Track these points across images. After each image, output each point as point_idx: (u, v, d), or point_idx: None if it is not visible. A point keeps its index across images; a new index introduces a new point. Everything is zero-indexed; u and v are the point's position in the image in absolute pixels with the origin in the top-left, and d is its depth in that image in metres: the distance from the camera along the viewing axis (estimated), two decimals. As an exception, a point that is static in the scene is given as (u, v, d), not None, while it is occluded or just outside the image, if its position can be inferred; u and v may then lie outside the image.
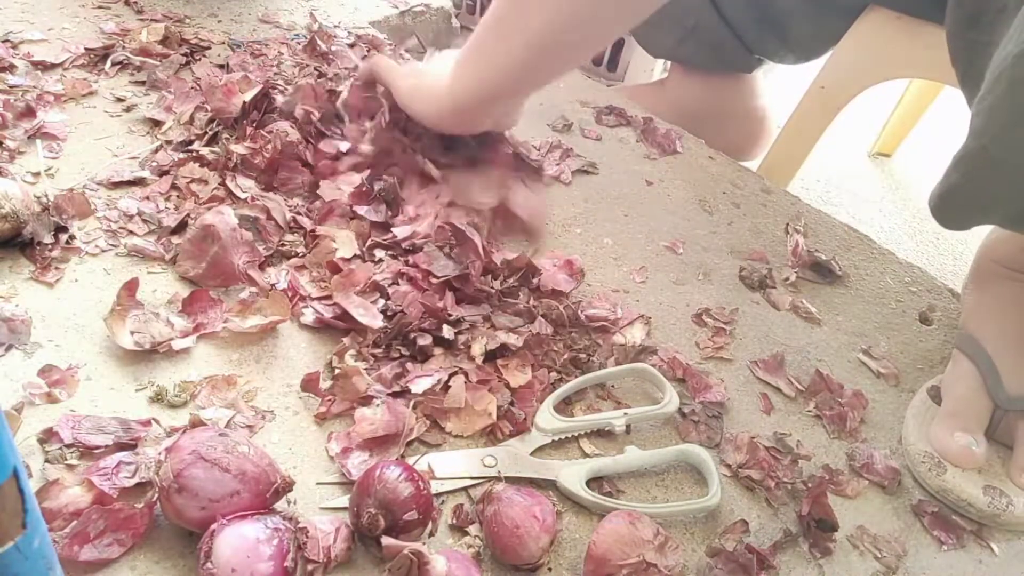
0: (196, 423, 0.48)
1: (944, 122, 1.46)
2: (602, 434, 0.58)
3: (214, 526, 0.42)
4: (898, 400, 0.67)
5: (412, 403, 0.55)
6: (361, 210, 0.69)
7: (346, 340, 0.59)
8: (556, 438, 0.56)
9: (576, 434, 0.57)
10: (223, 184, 0.70)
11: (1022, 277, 0.66)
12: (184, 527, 0.45)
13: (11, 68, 0.80)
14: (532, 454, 0.55)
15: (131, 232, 0.65)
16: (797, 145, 1.02)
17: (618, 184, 0.86)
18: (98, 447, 0.48)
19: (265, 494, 0.45)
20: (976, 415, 0.61)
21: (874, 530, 0.56)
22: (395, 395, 0.56)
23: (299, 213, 0.69)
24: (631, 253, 0.76)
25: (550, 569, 0.49)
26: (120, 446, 0.49)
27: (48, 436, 0.48)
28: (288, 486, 0.46)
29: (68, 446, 0.48)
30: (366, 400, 0.55)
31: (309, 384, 0.56)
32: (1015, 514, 0.57)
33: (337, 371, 0.57)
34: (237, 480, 0.44)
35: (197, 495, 0.43)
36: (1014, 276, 0.65)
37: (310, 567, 0.45)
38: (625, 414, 0.58)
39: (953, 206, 0.55)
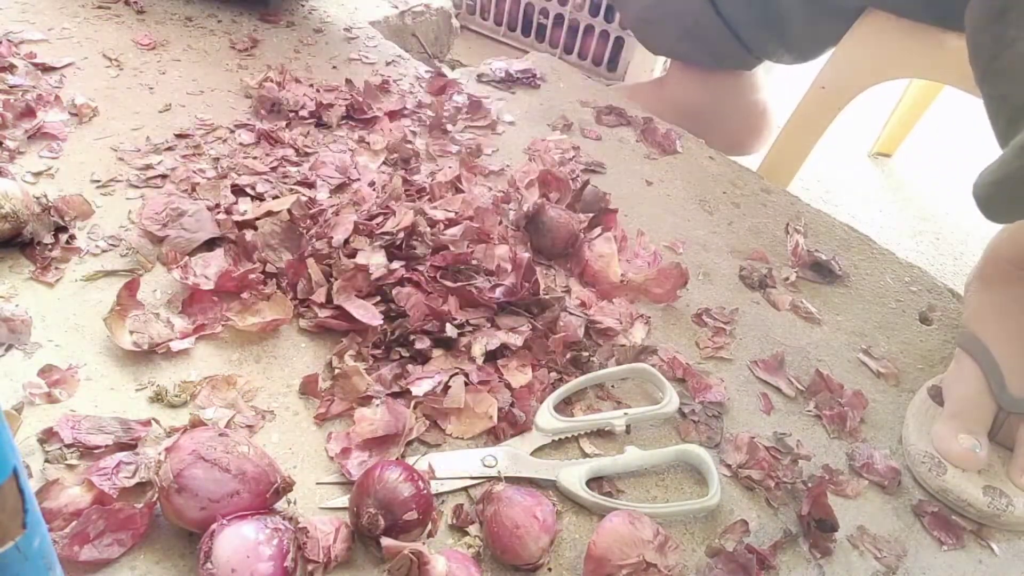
0: (196, 423, 0.48)
1: (944, 122, 1.46)
2: (602, 434, 0.58)
3: (214, 526, 0.42)
4: (898, 400, 0.67)
5: (412, 403, 0.55)
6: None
7: (345, 340, 0.59)
8: (556, 438, 0.56)
9: (576, 434, 0.57)
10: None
11: None
12: (184, 527, 0.45)
13: (11, 68, 0.80)
14: (532, 454, 0.55)
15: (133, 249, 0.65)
16: (797, 145, 1.02)
17: (618, 184, 0.85)
18: (98, 447, 0.48)
19: (265, 494, 0.45)
20: (979, 417, 0.61)
21: (874, 530, 0.56)
22: (395, 395, 0.56)
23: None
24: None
25: (550, 569, 0.49)
26: (120, 446, 0.49)
27: (48, 436, 0.48)
28: (288, 486, 0.46)
29: (68, 446, 0.48)
30: (365, 400, 0.55)
31: (308, 386, 0.56)
32: (1015, 514, 0.57)
33: (337, 371, 0.57)
34: (237, 480, 0.44)
35: (197, 495, 0.43)
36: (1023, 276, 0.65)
37: (310, 567, 0.45)
38: (625, 414, 0.58)
39: (1008, 195, 0.54)
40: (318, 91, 0.87)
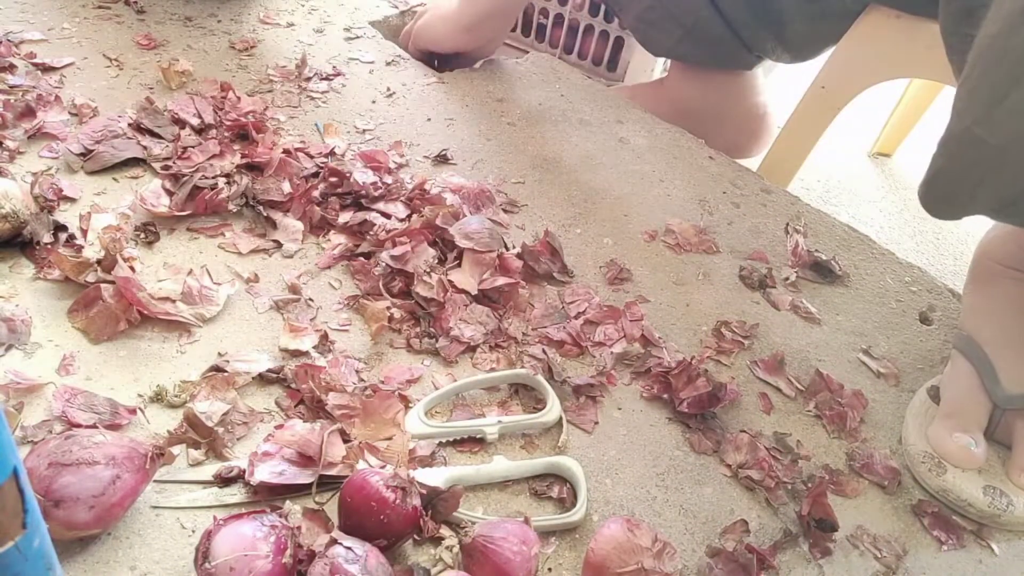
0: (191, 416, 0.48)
1: (944, 122, 1.46)
2: (474, 441, 0.56)
3: (210, 526, 0.42)
4: (898, 400, 0.67)
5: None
6: None
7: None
8: (424, 443, 0.54)
9: (445, 440, 0.55)
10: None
11: (1021, 276, 0.65)
12: (84, 535, 0.44)
13: (11, 68, 0.80)
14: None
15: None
16: (797, 145, 1.02)
17: (618, 184, 0.85)
18: (80, 425, 0.49)
19: (145, 467, 0.45)
20: (974, 415, 0.61)
21: (874, 530, 0.56)
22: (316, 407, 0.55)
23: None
24: (631, 253, 0.76)
25: (550, 570, 0.49)
26: (104, 427, 0.49)
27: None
28: (161, 450, 0.46)
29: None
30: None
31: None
32: (1015, 514, 0.57)
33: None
34: (110, 466, 0.44)
35: (79, 499, 0.42)
36: (1012, 275, 0.65)
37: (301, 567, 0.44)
38: (499, 421, 0.56)
39: (939, 192, 0.55)
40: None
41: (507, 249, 0.70)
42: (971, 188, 0.53)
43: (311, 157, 0.77)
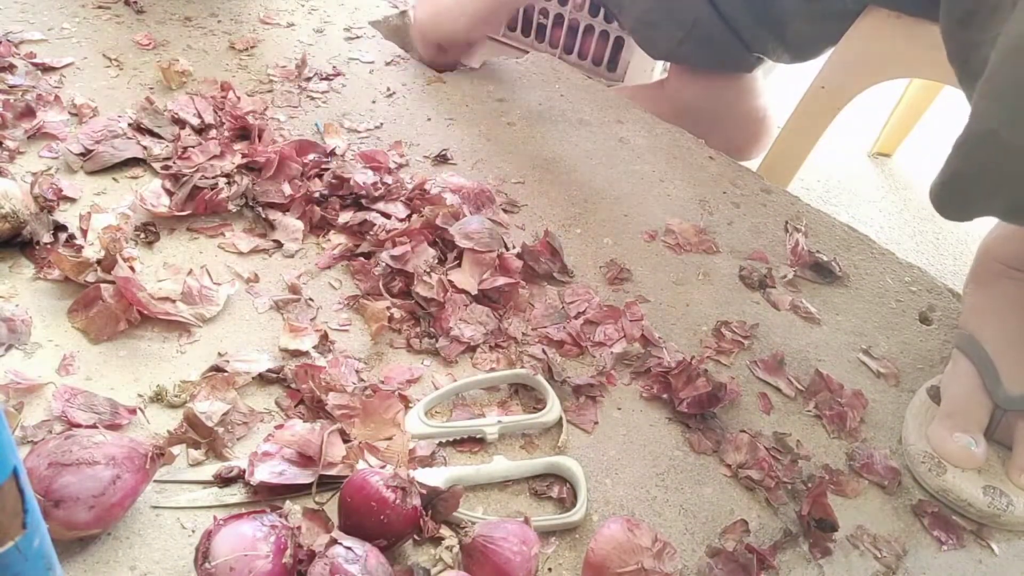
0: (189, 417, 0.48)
1: (944, 122, 1.46)
2: (474, 441, 0.56)
3: (210, 526, 0.42)
4: (898, 400, 0.67)
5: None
6: None
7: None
8: (424, 443, 0.54)
9: (445, 440, 0.55)
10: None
11: (1023, 276, 0.65)
12: (84, 535, 0.44)
13: (11, 68, 0.80)
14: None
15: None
16: (797, 145, 1.02)
17: (618, 184, 0.85)
18: (79, 425, 0.49)
19: (145, 467, 0.45)
20: (975, 415, 0.61)
21: (874, 530, 0.56)
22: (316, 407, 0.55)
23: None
24: (631, 253, 0.76)
25: (550, 570, 0.49)
26: (104, 427, 0.49)
27: None
28: (161, 450, 0.46)
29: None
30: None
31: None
32: (1015, 514, 0.57)
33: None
34: (111, 466, 0.44)
35: (79, 499, 0.42)
36: (1015, 275, 0.65)
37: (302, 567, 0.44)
38: (499, 421, 0.56)
39: (955, 193, 0.55)
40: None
41: (507, 249, 0.70)
42: (988, 190, 0.53)
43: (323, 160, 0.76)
